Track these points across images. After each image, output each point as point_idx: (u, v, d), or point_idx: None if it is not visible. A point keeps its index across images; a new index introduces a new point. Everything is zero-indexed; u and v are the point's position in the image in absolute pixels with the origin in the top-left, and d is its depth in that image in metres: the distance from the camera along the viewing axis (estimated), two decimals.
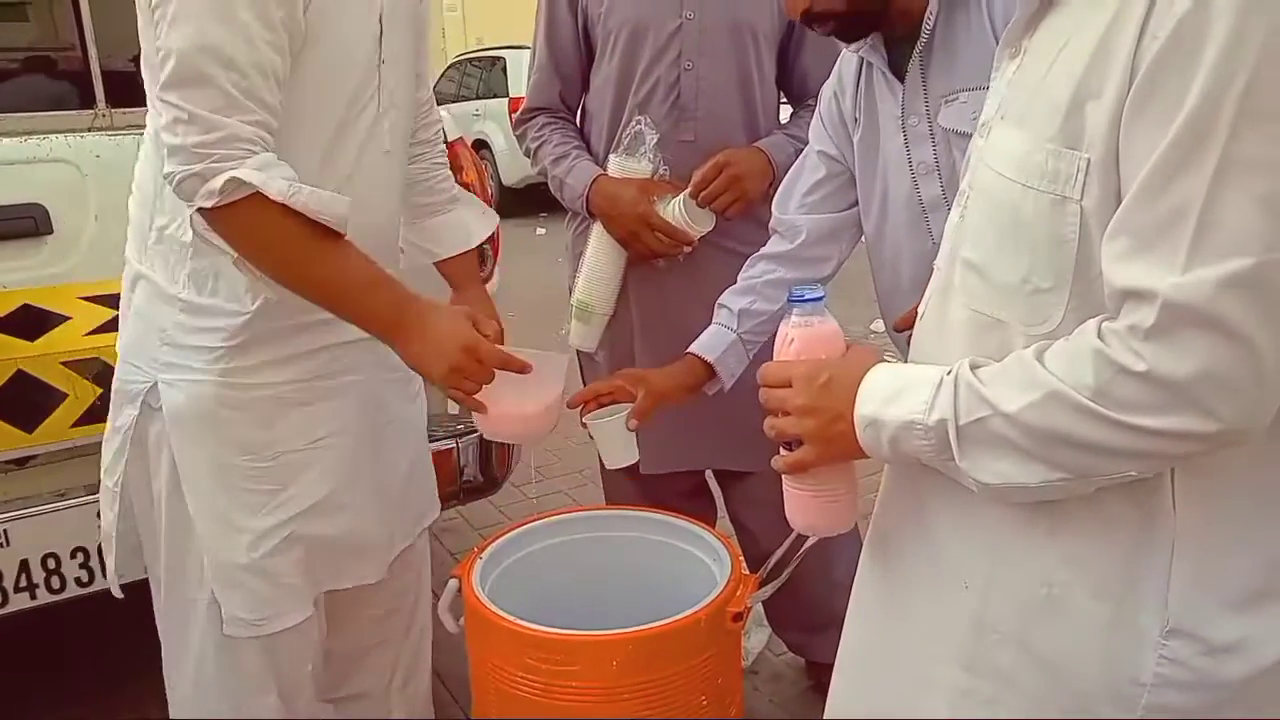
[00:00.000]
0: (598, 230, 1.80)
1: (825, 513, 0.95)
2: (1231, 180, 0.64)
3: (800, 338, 0.91)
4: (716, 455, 1.94)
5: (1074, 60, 0.73)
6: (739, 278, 1.61)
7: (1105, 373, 0.69)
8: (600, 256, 1.80)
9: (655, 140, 1.74)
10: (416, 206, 1.60)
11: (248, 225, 1.15)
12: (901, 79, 1.40)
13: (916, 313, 0.96)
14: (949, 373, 0.79)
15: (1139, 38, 0.67)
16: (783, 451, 0.92)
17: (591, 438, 1.57)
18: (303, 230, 1.15)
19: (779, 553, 1.28)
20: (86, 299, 1.79)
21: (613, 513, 1.67)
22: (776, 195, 1.63)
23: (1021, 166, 0.77)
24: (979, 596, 0.84)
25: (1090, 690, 0.79)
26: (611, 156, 1.79)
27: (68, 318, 1.78)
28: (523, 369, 1.30)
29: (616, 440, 1.54)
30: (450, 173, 1.66)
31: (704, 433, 1.87)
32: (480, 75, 10.32)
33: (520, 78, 9.56)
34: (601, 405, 1.56)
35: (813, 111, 1.61)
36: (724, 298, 1.60)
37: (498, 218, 1.78)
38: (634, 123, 1.75)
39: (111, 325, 1.48)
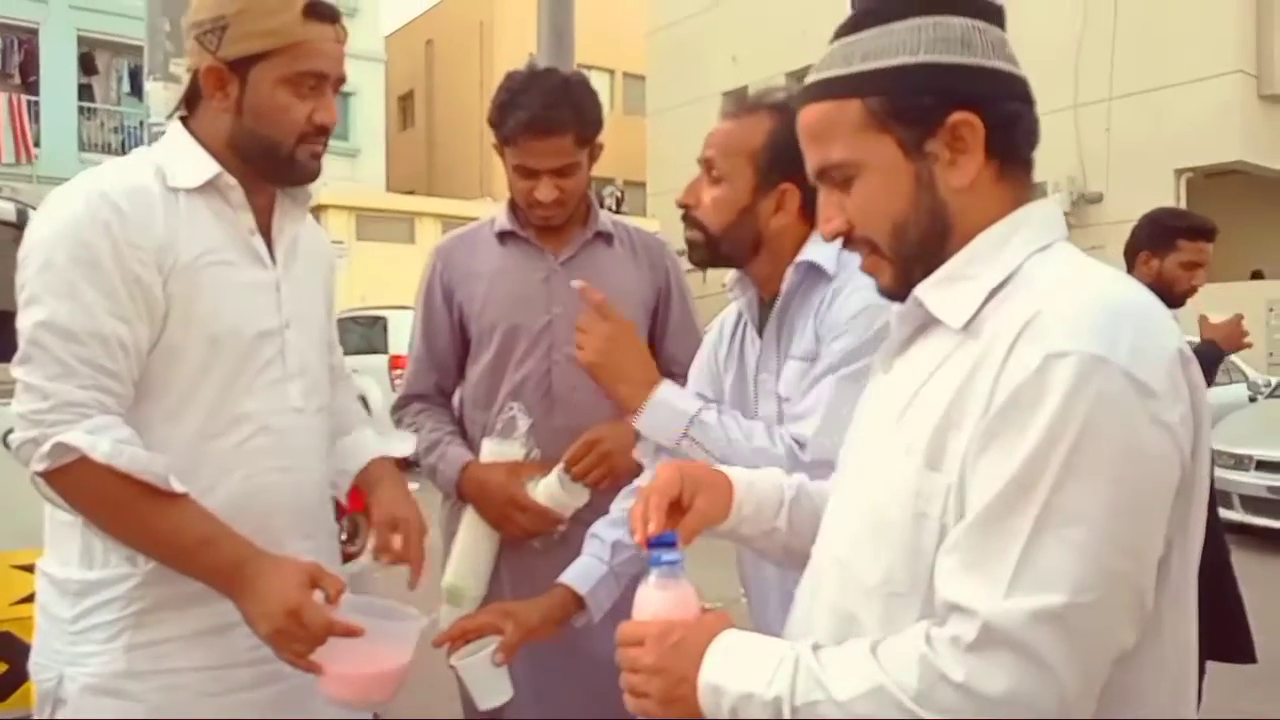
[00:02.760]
0: (469, 514, 1.83)
1: None
2: (1050, 526, 0.74)
3: (657, 599, 0.95)
4: None
5: (942, 390, 0.84)
6: (611, 508, 1.64)
7: (927, 678, 0.75)
8: (472, 539, 1.82)
9: (528, 426, 1.81)
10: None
11: (79, 488, 1.18)
12: (761, 335, 1.53)
13: None
14: (792, 650, 0.84)
15: (993, 386, 0.79)
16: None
17: (460, 680, 1.49)
18: (134, 490, 1.17)
19: None
20: (17, 567, 1.72)
21: None
22: None
23: (888, 482, 0.86)
24: None
25: None
26: (485, 442, 1.85)
27: None
28: (350, 634, 1.21)
29: (486, 678, 1.47)
30: (362, 405, 1.68)
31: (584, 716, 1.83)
32: (361, 332, 10.54)
33: (400, 336, 9.96)
34: (468, 642, 1.51)
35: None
36: (596, 528, 1.62)
37: (413, 440, 1.76)
38: (507, 409, 1.84)
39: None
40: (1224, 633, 2.61)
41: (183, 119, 1.37)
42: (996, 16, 0.92)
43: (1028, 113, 0.91)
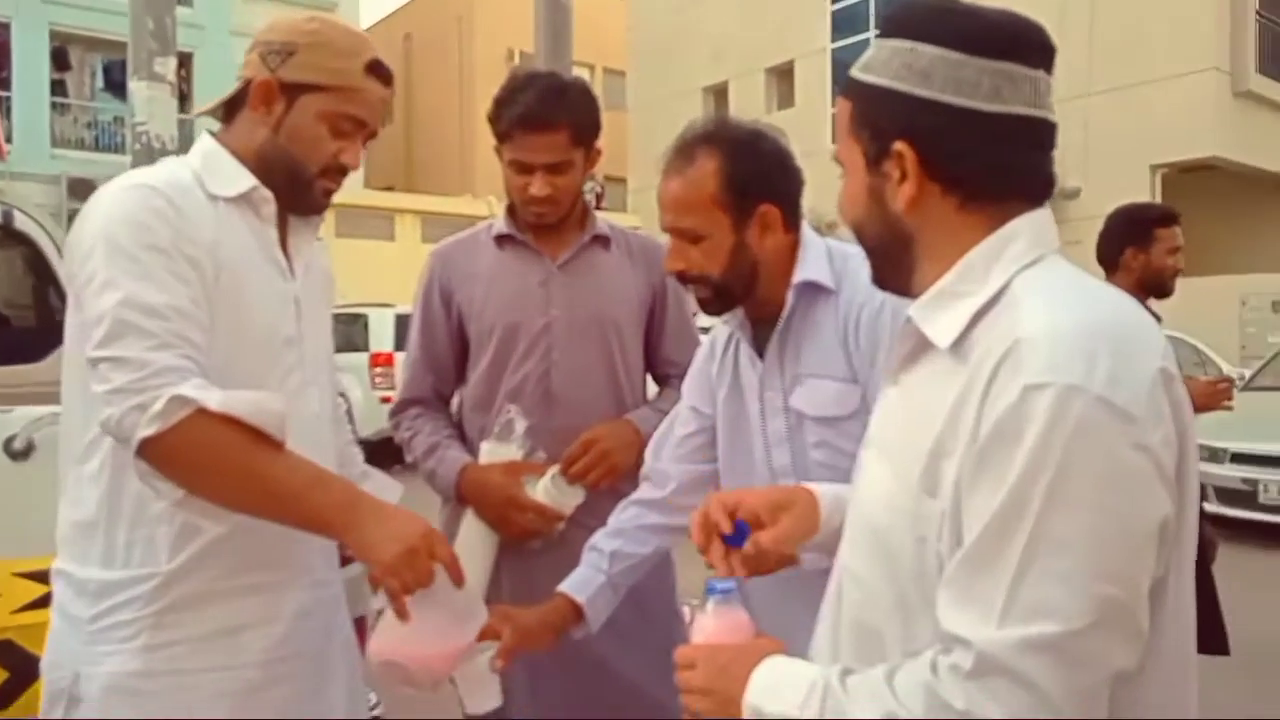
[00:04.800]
0: (469, 516, 1.84)
1: None
2: (1038, 557, 0.76)
3: (711, 625, 1.01)
4: None
5: (936, 415, 0.85)
6: (609, 520, 1.66)
7: (933, 706, 0.79)
8: (472, 541, 1.82)
9: (525, 427, 1.83)
10: None
11: (193, 445, 1.18)
12: (763, 356, 1.55)
13: None
14: (823, 676, 0.88)
15: (978, 415, 0.80)
16: None
17: (453, 681, 1.48)
18: (245, 439, 1.20)
19: None
20: (21, 575, 1.70)
21: None
22: (650, 444, 1.72)
23: (890, 503, 0.89)
24: None
25: None
26: (483, 444, 1.86)
27: None
28: (460, 579, 1.28)
29: (480, 682, 1.47)
30: (360, 450, 1.70)
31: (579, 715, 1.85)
32: (341, 330, 10.47)
33: (381, 334, 9.95)
34: None
35: (676, 388, 1.75)
36: (595, 539, 1.64)
37: (401, 487, 1.79)
38: (504, 411, 1.85)
39: (41, 602, 1.46)
40: (1199, 626, 2.67)
41: (212, 133, 1.43)
42: (995, 49, 0.89)
43: (995, 151, 0.89)
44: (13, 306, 3.24)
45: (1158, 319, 2.93)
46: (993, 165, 0.90)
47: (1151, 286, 2.88)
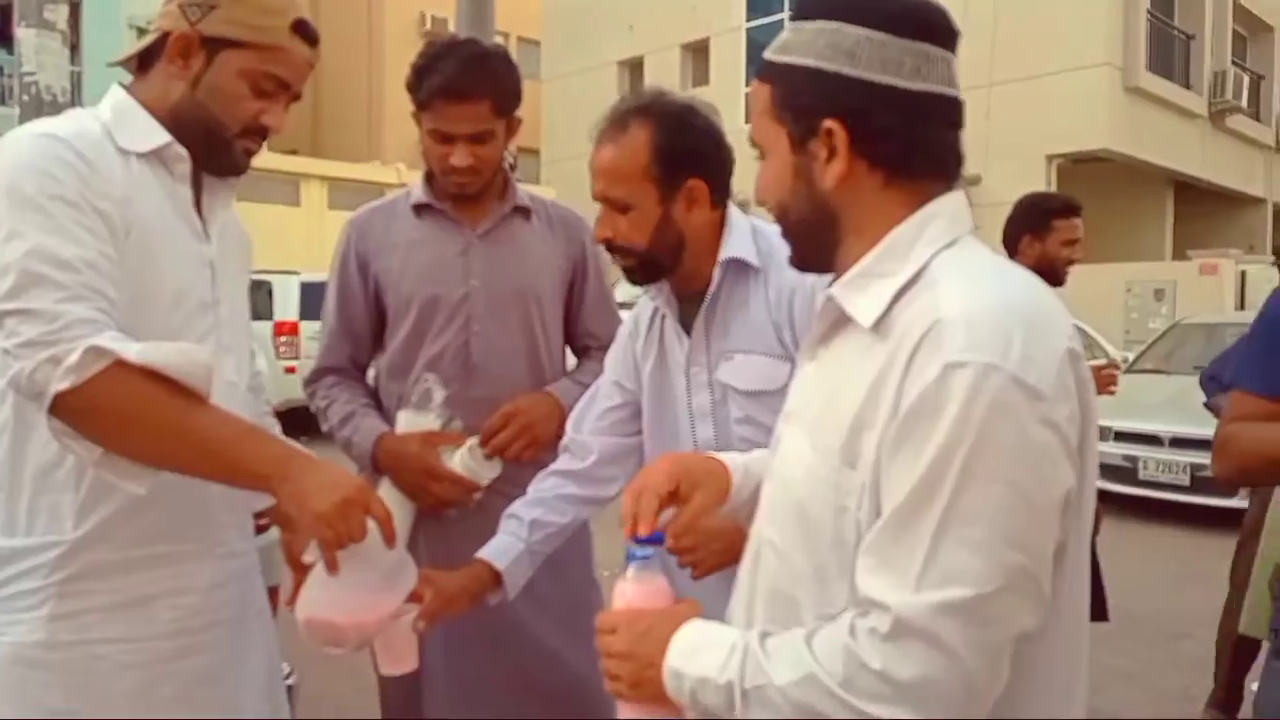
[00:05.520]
0: (385, 485, 1.83)
1: None
2: (952, 526, 0.81)
3: (631, 591, 1.03)
4: (511, 708, 1.92)
5: (856, 389, 0.89)
6: (529, 489, 1.68)
7: (851, 665, 0.83)
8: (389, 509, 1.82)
9: (444, 397, 1.82)
10: None
11: (112, 398, 1.13)
12: (689, 332, 1.58)
13: None
14: (743, 639, 0.91)
15: (899, 391, 0.85)
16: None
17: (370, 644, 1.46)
18: (168, 391, 1.16)
19: None
20: None
21: None
22: (571, 416, 1.74)
23: (811, 475, 0.93)
24: None
25: None
26: (400, 413, 1.85)
27: None
28: (391, 537, 1.26)
29: (400, 644, 1.45)
30: (277, 421, 1.67)
31: (497, 684, 1.88)
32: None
33: (286, 302, 9.66)
34: None
35: (596, 360, 1.77)
36: (514, 507, 1.65)
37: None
38: (422, 380, 1.84)
39: None
40: None
41: (124, 85, 1.36)
42: (913, 29, 0.93)
43: (914, 127, 0.94)
44: None
45: None
46: (915, 142, 0.95)
47: (1045, 274, 2.96)
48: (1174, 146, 15.10)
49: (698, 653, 0.93)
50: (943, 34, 0.96)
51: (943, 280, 0.90)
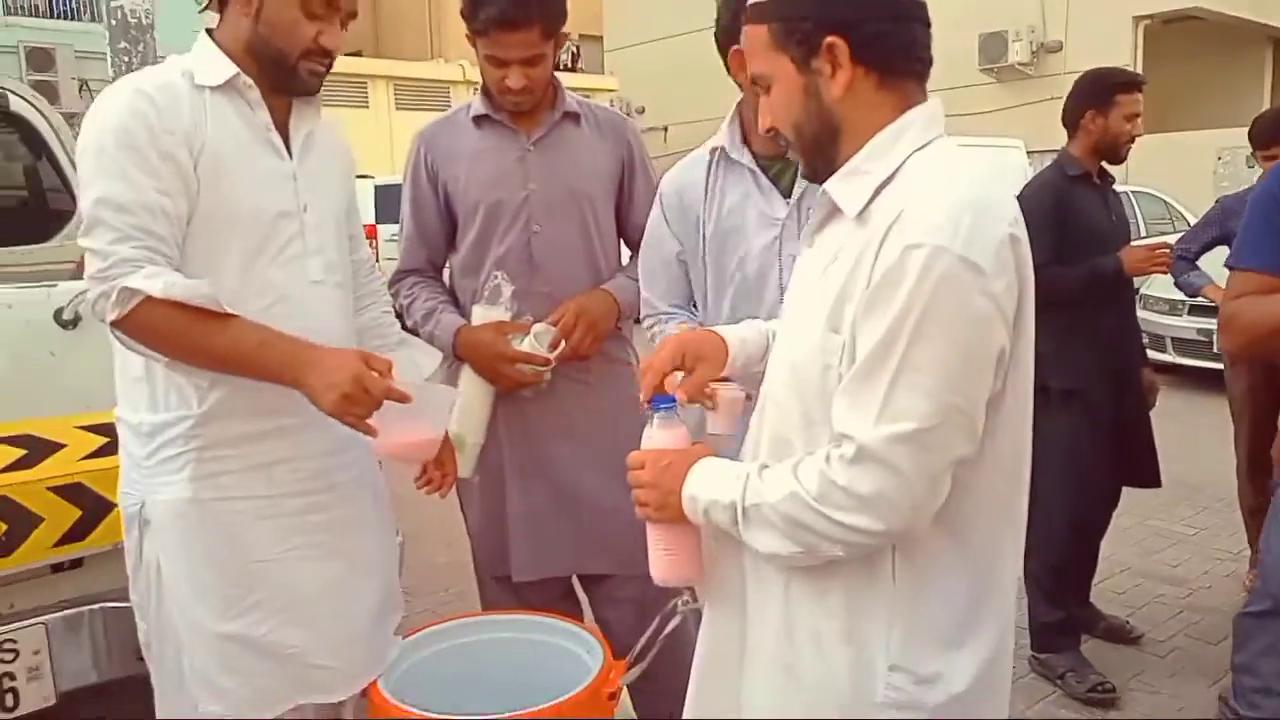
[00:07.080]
0: (466, 371, 2.07)
1: (668, 564, 1.26)
2: (905, 374, 1.00)
3: (656, 436, 1.25)
4: (581, 560, 2.19)
5: (842, 268, 1.08)
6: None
7: (824, 484, 1.05)
8: (470, 393, 2.05)
9: (511, 291, 2.04)
10: (370, 350, 1.76)
11: (149, 325, 1.41)
12: (786, 196, 1.79)
13: None
14: (745, 469, 1.14)
15: (872, 267, 1.03)
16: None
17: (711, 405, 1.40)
18: (192, 315, 1.40)
19: (643, 640, 1.53)
20: (83, 428, 1.93)
21: (494, 618, 1.91)
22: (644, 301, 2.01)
23: (804, 339, 1.12)
24: (773, 634, 1.17)
25: (845, 704, 1.11)
26: (475, 307, 2.08)
27: (63, 445, 1.91)
28: (404, 399, 1.45)
29: (731, 408, 1.40)
30: (396, 320, 1.92)
31: (568, 541, 2.14)
32: None
33: (362, 205, 9.87)
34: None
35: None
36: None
37: (440, 355, 2.05)
38: (492, 277, 2.06)
39: (102, 451, 1.78)
40: (1135, 462, 2.98)
41: (209, 31, 1.57)
42: None
43: (898, 30, 1.09)
44: (16, 189, 3.35)
45: (1111, 180, 3.07)
46: (902, 42, 1.11)
47: (1105, 151, 2.92)
48: (1273, 1, 14.13)
49: (709, 482, 1.16)
50: None
51: (913, 177, 1.07)
